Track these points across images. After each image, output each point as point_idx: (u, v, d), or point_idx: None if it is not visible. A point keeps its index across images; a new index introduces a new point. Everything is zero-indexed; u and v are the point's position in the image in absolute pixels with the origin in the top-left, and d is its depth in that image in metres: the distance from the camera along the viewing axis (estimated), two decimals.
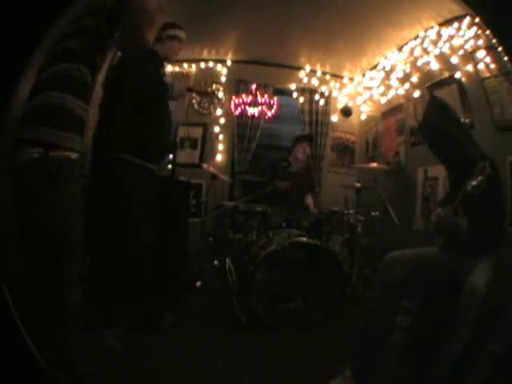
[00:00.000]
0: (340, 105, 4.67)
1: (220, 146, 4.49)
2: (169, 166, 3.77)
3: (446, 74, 3.01)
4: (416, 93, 3.39)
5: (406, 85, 3.56)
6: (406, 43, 3.52)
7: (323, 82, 4.56)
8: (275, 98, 4.40)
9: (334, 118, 4.66)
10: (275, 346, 2.20)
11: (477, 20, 2.53)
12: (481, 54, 2.60)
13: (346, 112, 4.67)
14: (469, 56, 2.75)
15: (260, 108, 4.31)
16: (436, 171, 2.91)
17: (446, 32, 2.98)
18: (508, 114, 2.38)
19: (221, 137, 4.48)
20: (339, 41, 3.75)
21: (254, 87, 4.39)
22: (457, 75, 2.86)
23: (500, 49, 1.76)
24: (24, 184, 1.17)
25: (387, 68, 3.90)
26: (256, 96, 4.32)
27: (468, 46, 2.75)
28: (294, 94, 4.54)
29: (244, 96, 4.32)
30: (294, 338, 2.33)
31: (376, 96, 4.19)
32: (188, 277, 2.95)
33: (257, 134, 4.44)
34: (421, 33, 3.29)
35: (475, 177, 1.43)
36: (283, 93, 4.56)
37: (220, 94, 4.46)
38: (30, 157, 1.17)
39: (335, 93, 4.63)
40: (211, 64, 4.39)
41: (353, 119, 4.72)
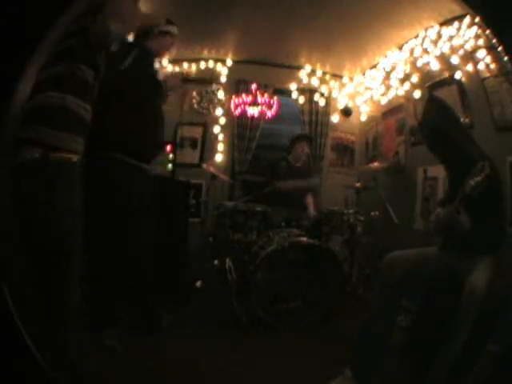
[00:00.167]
0: (340, 105, 4.66)
1: (220, 146, 4.48)
2: (169, 166, 3.78)
3: (446, 74, 3.01)
4: (416, 93, 3.39)
5: (406, 85, 3.56)
6: (406, 43, 3.51)
7: (323, 82, 4.55)
8: (275, 98, 4.40)
9: (334, 118, 4.65)
10: (275, 346, 2.20)
11: (477, 20, 2.53)
12: (481, 54, 2.60)
13: (346, 112, 4.67)
14: (469, 56, 2.75)
15: (260, 108, 4.31)
16: (436, 171, 2.91)
17: (446, 32, 2.98)
18: (508, 114, 2.38)
19: (221, 137, 4.48)
20: (339, 41, 3.74)
21: (254, 87, 4.38)
22: (457, 75, 2.86)
23: (500, 49, 1.77)
24: (24, 184, 1.17)
25: (387, 68, 3.89)
26: (256, 96, 4.32)
27: (468, 46, 2.75)
28: (294, 94, 4.53)
29: (244, 96, 4.32)
30: (294, 338, 2.33)
31: (376, 96, 4.18)
32: (188, 277, 2.95)
33: (257, 134, 4.43)
34: (421, 33, 3.29)
35: (474, 177, 1.43)
36: (283, 93, 4.55)
37: (220, 94, 4.45)
38: (30, 157, 1.17)
39: (335, 93, 4.62)
40: (211, 64, 4.40)
41: (353, 119, 4.71)
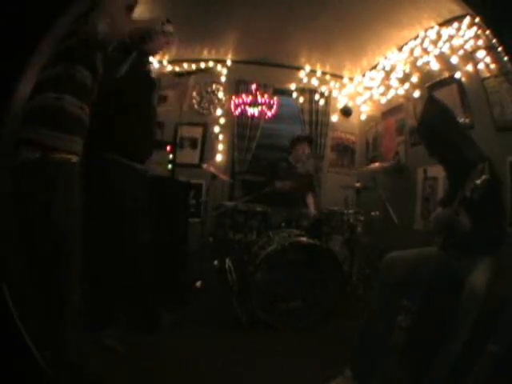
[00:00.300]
0: (340, 105, 4.66)
1: (220, 146, 4.49)
2: (169, 166, 3.78)
3: (446, 74, 3.01)
4: (416, 93, 3.39)
5: (406, 85, 3.56)
6: (406, 43, 3.51)
7: (323, 82, 4.55)
8: (275, 98, 4.40)
9: (334, 118, 4.65)
10: (275, 346, 2.20)
11: (477, 20, 2.53)
12: (481, 54, 2.60)
13: (346, 112, 4.67)
14: (469, 56, 2.74)
15: (260, 108, 4.31)
16: (436, 171, 2.91)
17: (446, 32, 2.98)
18: (508, 114, 2.38)
19: (221, 137, 4.48)
20: (339, 41, 3.74)
21: (254, 87, 4.38)
22: (457, 75, 2.86)
23: (500, 49, 1.77)
24: (24, 184, 1.17)
25: (387, 68, 3.89)
26: (256, 96, 4.32)
27: (468, 46, 2.75)
28: (294, 94, 4.54)
29: (244, 96, 4.32)
30: (294, 338, 2.33)
31: (376, 96, 4.18)
32: (188, 277, 2.95)
33: (257, 134, 4.43)
34: (421, 33, 3.29)
35: (474, 179, 1.42)
36: (283, 93, 4.55)
37: (220, 94, 4.45)
38: (30, 157, 1.17)
39: (335, 93, 4.62)
40: (211, 64, 4.39)
41: (353, 119, 4.71)
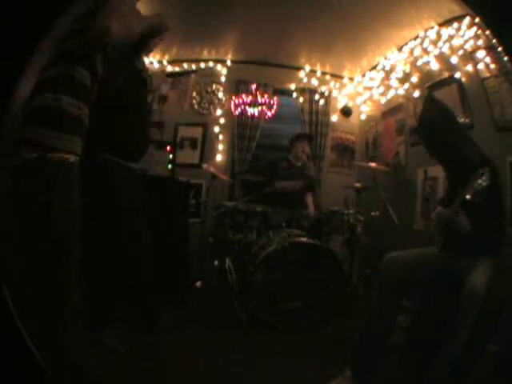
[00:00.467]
0: (340, 105, 4.67)
1: (220, 146, 4.49)
2: (169, 166, 3.78)
3: (446, 74, 3.00)
4: (416, 93, 3.39)
5: (406, 85, 3.56)
6: (406, 43, 3.51)
7: (323, 82, 4.56)
8: (275, 98, 4.39)
9: (334, 118, 4.65)
10: (275, 346, 2.20)
11: (477, 20, 2.53)
12: (481, 54, 2.60)
13: (346, 112, 4.67)
14: (469, 56, 2.74)
15: (260, 108, 4.31)
16: (436, 171, 2.91)
17: (446, 32, 2.98)
18: (508, 114, 2.38)
19: (221, 137, 4.48)
20: (339, 41, 3.74)
21: (254, 87, 4.38)
22: (457, 75, 2.86)
23: (500, 49, 1.77)
24: (23, 184, 1.17)
25: (387, 68, 3.89)
26: (256, 96, 4.32)
27: (468, 46, 2.75)
28: (294, 94, 4.54)
29: (244, 96, 4.32)
30: (294, 338, 2.33)
31: (376, 96, 4.18)
32: (188, 277, 2.95)
33: (257, 134, 4.43)
34: (421, 33, 3.29)
35: (474, 184, 1.42)
36: (283, 93, 4.55)
37: (220, 94, 4.45)
38: (29, 157, 1.17)
39: (335, 93, 4.62)
40: (211, 64, 4.39)
41: (353, 119, 4.71)
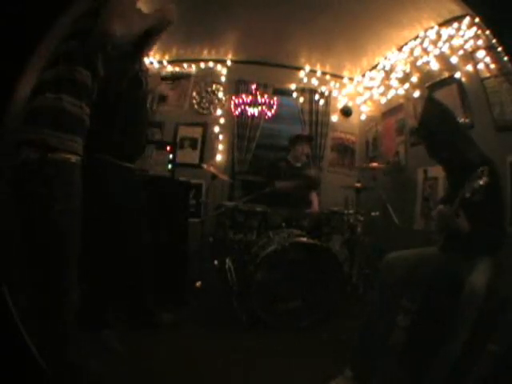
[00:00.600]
0: (340, 105, 4.66)
1: (220, 146, 4.48)
2: (169, 166, 3.78)
3: (446, 74, 3.00)
4: (416, 93, 3.39)
5: (406, 85, 3.56)
6: (406, 43, 3.51)
7: (323, 82, 4.55)
8: (275, 98, 4.40)
9: (334, 118, 4.65)
10: (275, 346, 2.20)
11: (477, 20, 2.53)
12: (481, 54, 2.60)
13: (346, 112, 4.67)
14: (469, 56, 2.74)
15: (260, 108, 4.31)
16: (436, 171, 2.91)
17: (446, 32, 2.98)
18: (508, 114, 2.38)
19: (221, 137, 4.48)
20: (339, 41, 3.74)
21: (254, 87, 4.38)
22: (457, 75, 2.86)
23: (500, 49, 1.77)
24: (23, 185, 1.17)
25: (387, 68, 3.89)
26: (256, 96, 4.32)
27: (468, 46, 2.75)
28: (294, 94, 4.53)
29: (244, 96, 4.32)
30: (294, 338, 2.33)
31: (376, 96, 4.18)
32: (188, 277, 2.95)
33: (257, 134, 4.43)
34: (421, 33, 3.29)
35: (473, 183, 1.42)
36: (283, 93, 4.54)
37: (220, 94, 4.45)
38: (30, 157, 1.17)
39: (335, 93, 4.62)
40: (211, 64, 4.39)
41: (353, 119, 4.71)
